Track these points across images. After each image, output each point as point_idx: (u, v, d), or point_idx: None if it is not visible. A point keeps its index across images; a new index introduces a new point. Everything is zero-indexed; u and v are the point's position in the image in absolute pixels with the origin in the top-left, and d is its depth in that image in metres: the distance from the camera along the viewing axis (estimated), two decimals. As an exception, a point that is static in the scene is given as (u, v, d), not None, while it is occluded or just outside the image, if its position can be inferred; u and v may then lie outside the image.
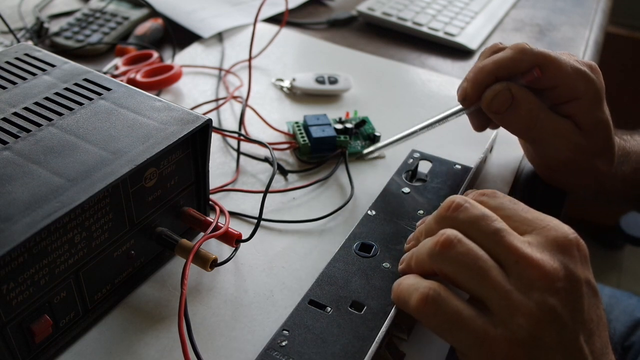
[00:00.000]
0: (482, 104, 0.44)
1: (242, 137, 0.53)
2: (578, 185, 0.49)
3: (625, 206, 0.35)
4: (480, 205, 0.33)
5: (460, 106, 0.46)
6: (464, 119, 0.48)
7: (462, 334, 0.30)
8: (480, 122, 0.48)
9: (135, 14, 0.73)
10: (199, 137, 0.39)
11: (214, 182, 0.46)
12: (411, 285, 0.32)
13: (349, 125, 0.54)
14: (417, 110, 0.61)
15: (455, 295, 0.31)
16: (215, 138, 0.54)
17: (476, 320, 0.30)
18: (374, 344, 0.34)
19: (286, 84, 0.63)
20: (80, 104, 0.38)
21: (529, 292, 0.29)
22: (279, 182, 0.50)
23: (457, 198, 0.33)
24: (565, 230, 0.32)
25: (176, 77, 0.61)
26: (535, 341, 0.29)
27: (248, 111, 0.58)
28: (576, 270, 0.30)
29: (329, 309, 0.36)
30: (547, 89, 0.43)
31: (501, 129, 0.48)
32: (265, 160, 0.52)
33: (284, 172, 0.50)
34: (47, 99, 0.39)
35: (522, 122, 0.44)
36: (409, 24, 0.76)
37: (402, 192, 0.46)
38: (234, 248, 0.40)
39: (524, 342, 0.29)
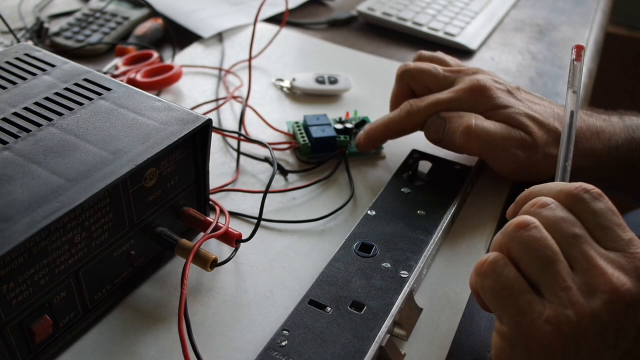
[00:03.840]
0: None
1: (242, 137, 0.53)
2: (544, 173, 0.47)
3: (601, 184, 0.34)
4: (566, 209, 0.32)
5: None
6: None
7: (509, 301, 0.30)
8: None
9: (135, 14, 0.73)
10: (199, 137, 0.39)
11: (214, 182, 0.46)
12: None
13: (349, 125, 0.54)
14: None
15: (515, 269, 0.31)
16: (215, 138, 0.54)
17: (527, 294, 0.30)
18: (374, 344, 0.34)
19: (286, 84, 0.63)
20: (80, 104, 0.38)
21: (590, 297, 0.29)
22: (279, 182, 0.50)
23: (543, 197, 0.33)
24: None
25: (176, 77, 0.61)
26: (574, 342, 0.29)
27: (248, 111, 0.58)
28: None
29: (328, 308, 0.36)
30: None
31: None
32: (265, 160, 0.52)
33: (284, 172, 0.50)
34: (47, 99, 0.39)
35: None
36: (409, 24, 0.76)
37: (402, 192, 0.46)
38: (234, 248, 0.40)
39: (564, 335, 0.29)
